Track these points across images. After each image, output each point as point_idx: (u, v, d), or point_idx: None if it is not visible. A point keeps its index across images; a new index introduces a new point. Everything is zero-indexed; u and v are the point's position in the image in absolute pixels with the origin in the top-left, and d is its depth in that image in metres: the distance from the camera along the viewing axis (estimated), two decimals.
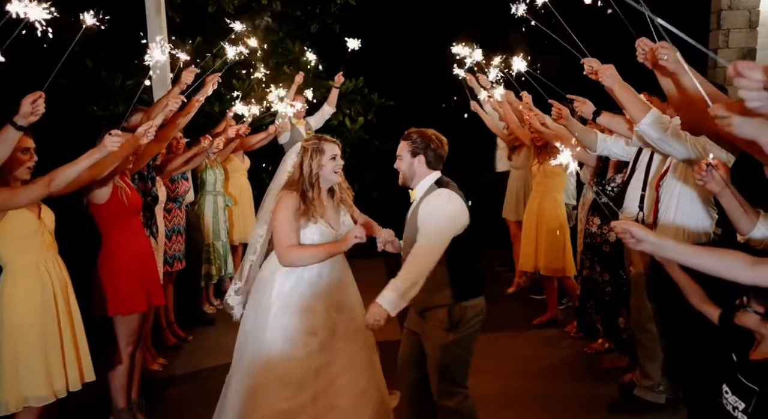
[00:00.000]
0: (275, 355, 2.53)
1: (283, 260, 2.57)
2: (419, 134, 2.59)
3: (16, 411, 2.40)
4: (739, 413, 1.76)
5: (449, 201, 2.50)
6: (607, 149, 3.33)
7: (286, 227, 2.58)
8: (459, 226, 2.50)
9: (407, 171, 2.60)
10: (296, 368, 2.52)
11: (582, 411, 3.30)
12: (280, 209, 2.59)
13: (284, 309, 2.59)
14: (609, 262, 3.62)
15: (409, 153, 2.58)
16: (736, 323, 1.84)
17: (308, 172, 2.61)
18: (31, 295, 2.43)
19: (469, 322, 2.51)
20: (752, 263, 1.62)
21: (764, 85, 1.23)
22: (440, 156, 2.58)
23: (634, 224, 1.75)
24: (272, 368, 2.52)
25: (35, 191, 2.37)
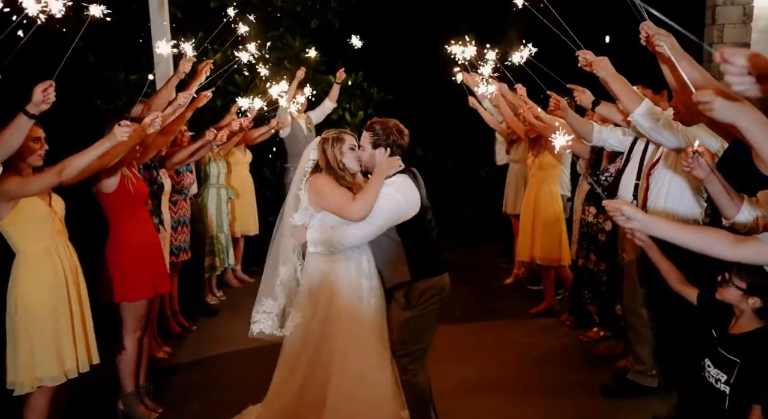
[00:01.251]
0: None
1: (358, 214, 2.55)
2: (382, 126, 2.72)
3: (31, 390, 2.49)
4: (722, 384, 1.85)
5: (402, 189, 2.63)
6: (602, 139, 3.42)
7: (336, 193, 2.61)
8: (406, 215, 2.63)
9: (368, 162, 2.74)
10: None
11: (576, 395, 3.39)
12: (320, 186, 2.62)
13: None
14: (605, 251, 3.70)
15: (371, 145, 2.71)
16: (718, 298, 1.93)
17: (333, 159, 2.68)
18: (43, 279, 2.52)
19: (427, 302, 2.65)
20: (735, 241, 1.70)
21: (748, 70, 1.32)
22: (401, 147, 2.72)
23: (625, 203, 1.83)
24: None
25: (47, 179, 2.45)
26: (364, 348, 2.62)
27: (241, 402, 3.22)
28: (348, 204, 2.56)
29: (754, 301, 1.84)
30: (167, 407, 3.31)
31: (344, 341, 2.59)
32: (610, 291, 3.70)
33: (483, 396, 3.39)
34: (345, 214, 2.58)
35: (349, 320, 2.60)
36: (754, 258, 1.69)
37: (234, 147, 5.22)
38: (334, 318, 2.62)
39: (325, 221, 2.67)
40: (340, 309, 2.61)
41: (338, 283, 2.62)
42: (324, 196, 2.64)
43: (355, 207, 2.55)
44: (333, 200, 2.62)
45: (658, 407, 3.14)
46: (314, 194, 2.66)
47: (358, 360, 2.59)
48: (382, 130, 2.69)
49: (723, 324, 1.93)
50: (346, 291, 2.61)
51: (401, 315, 2.67)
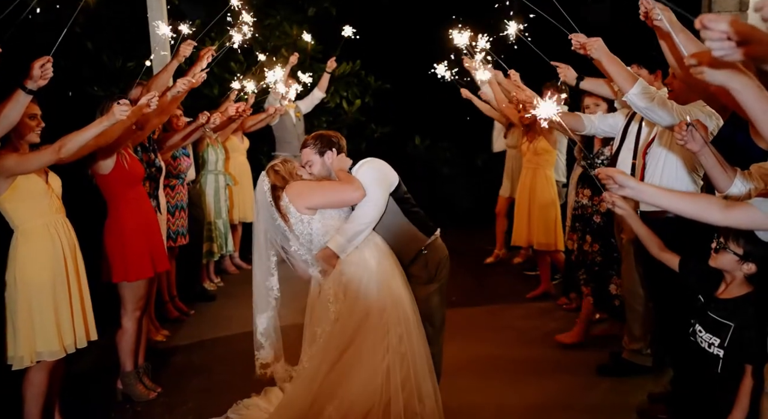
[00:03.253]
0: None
1: (358, 192, 2.60)
2: (317, 138, 2.81)
3: (30, 365, 2.51)
4: (715, 348, 1.89)
5: (374, 162, 2.74)
6: (594, 128, 3.43)
7: (319, 186, 2.66)
8: (391, 180, 2.73)
9: (322, 171, 2.79)
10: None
11: (572, 374, 3.42)
12: (299, 189, 2.65)
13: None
14: (599, 233, 3.73)
15: (317, 155, 2.78)
16: (711, 265, 1.96)
17: (289, 174, 2.74)
18: (42, 255, 2.53)
19: (443, 271, 2.78)
20: (726, 207, 1.73)
21: (727, 35, 1.34)
22: (342, 146, 2.82)
23: (618, 171, 1.85)
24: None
25: (45, 156, 2.47)
26: (413, 326, 2.64)
27: (241, 382, 3.24)
28: (345, 187, 2.60)
29: (749, 267, 1.87)
30: (166, 387, 3.33)
31: (395, 323, 2.60)
32: (604, 272, 3.73)
33: (480, 376, 3.42)
34: (345, 196, 2.62)
35: (393, 300, 2.61)
36: (744, 223, 1.71)
37: (231, 134, 5.23)
38: (378, 303, 2.61)
39: (326, 222, 2.68)
40: (381, 292, 2.61)
41: (370, 268, 2.62)
42: (312, 194, 2.66)
43: (351, 186, 2.59)
44: (325, 192, 2.66)
45: (653, 385, 3.18)
46: (299, 197, 2.66)
47: (411, 339, 2.61)
48: (318, 139, 2.79)
49: (710, 290, 1.97)
50: (379, 274, 2.63)
51: (426, 289, 2.75)
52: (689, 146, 2.13)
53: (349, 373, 2.57)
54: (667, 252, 2.15)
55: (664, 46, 2.50)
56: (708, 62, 1.46)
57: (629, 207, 2.22)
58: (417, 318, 2.67)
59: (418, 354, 2.60)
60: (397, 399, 2.51)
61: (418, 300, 2.72)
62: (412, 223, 2.76)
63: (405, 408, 2.52)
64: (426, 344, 2.67)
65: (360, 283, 2.61)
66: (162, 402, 3.20)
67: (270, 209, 2.69)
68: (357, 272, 2.61)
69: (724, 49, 1.32)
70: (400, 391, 2.52)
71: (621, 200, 2.15)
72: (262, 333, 2.70)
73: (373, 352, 2.56)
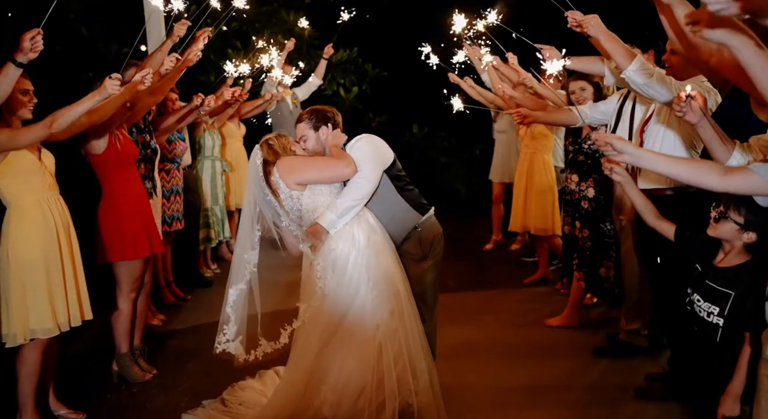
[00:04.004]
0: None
1: (350, 168, 2.57)
2: (312, 112, 2.79)
3: (24, 342, 2.49)
4: (715, 317, 1.88)
5: (369, 138, 2.73)
6: (587, 118, 3.41)
7: (312, 161, 2.64)
8: (386, 157, 2.71)
9: (316, 146, 2.76)
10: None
11: (570, 356, 3.41)
12: (291, 163, 2.63)
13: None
14: (588, 218, 3.71)
15: (312, 129, 2.75)
16: (710, 234, 1.94)
17: (283, 149, 2.71)
18: (35, 231, 2.51)
19: (437, 248, 2.77)
20: (724, 172, 1.71)
21: None
22: (338, 121, 2.79)
23: (616, 137, 1.83)
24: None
25: (37, 131, 2.44)
26: (405, 302, 2.62)
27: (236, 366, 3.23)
28: (336, 162, 2.58)
29: (749, 236, 1.86)
30: (162, 369, 3.32)
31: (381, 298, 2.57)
32: (595, 257, 3.71)
33: (477, 358, 3.42)
34: (336, 172, 2.59)
35: (384, 276, 2.58)
36: (742, 188, 1.70)
37: (228, 120, 5.20)
38: (368, 279, 2.58)
39: (316, 198, 2.65)
40: (370, 268, 2.58)
41: (359, 244, 2.60)
42: (302, 168, 2.64)
43: (343, 162, 2.57)
44: (316, 167, 2.63)
45: (651, 365, 3.17)
46: (289, 171, 2.63)
47: (403, 315, 2.58)
48: (314, 114, 2.77)
49: (707, 259, 1.95)
50: (369, 250, 2.60)
51: (419, 267, 2.73)
52: (687, 118, 2.11)
53: (341, 352, 2.55)
54: (663, 221, 2.13)
55: (664, 21, 2.47)
56: (706, 21, 1.44)
57: (627, 174, 2.21)
58: (409, 294, 2.65)
59: (410, 330, 2.59)
60: (390, 375, 2.50)
61: (412, 278, 2.70)
62: (406, 201, 2.74)
63: (399, 384, 2.50)
64: (419, 321, 2.65)
65: (348, 259, 2.58)
66: (157, 384, 3.18)
67: (261, 184, 2.66)
68: (346, 247, 2.59)
69: (720, 4, 1.30)
70: (393, 367, 2.51)
71: (619, 167, 2.13)
72: (231, 306, 2.62)
73: (364, 329, 2.54)
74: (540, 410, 2.82)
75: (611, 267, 3.65)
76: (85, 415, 2.84)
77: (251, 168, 2.72)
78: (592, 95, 3.57)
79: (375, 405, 2.50)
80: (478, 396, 2.97)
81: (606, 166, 2.13)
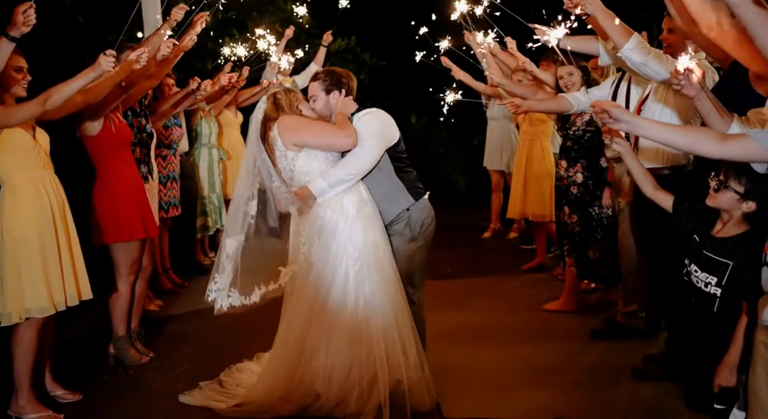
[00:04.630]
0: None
1: (349, 139, 2.52)
2: (328, 73, 2.74)
3: (19, 321, 2.48)
4: (713, 287, 1.87)
5: (378, 113, 2.69)
6: (581, 104, 3.40)
7: (315, 124, 2.56)
8: (391, 135, 2.68)
9: (324, 109, 2.71)
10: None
11: (567, 339, 3.41)
12: (293, 123, 2.56)
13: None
14: (576, 204, 3.71)
15: (323, 92, 2.70)
16: (709, 204, 1.94)
17: (289, 105, 2.64)
18: (30, 210, 2.49)
19: (427, 229, 2.73)
20: (721, 139, 1.71)
21: None
22: (352, 88, 2.75)
23: (613, 104, 1.82)
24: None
25: (31, 108, 2.42)
26: (391, 275, 2.60)
27: (234, 349, 3.23)
28: (336, 131, 2.52)
29: (749, 205, 1.85)
30: (159, 352, 3.31)
31: (362, 274, 2.56)
32: (584, 242, 3.71)
33: (474, 342, 3.42)
34: (335, 141, 2.54)
35: (371, 250, 2.56)
36: (740, 155, 1.69)
37: (225, 108, 5.17)
38: (350, 248, 2.56)
39: (310, 162, 2.61)
40: (357, 240, 2.56)
41: (347, 215, 2.57)
42: (302, 130, 2.58)
43: (343, 133, 2.52)
44: (316, 131, 2.56)
45: (648, 347, 3.17)
46: (289, 131, 2.58)
47: (389, 288, 2.56)
48: (329, 75, 2.71)
49: (705, 229, 1.95)
50: (357, 222, 2.58)
51: (408, 247, 2.70)
52: (685, 92, 2.09)
53: (329, 327, 2.54)
54: (661, 192, 2.13)
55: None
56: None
57: (627, 144, 2.20)
58: (394, 269, 2.63)
59: (398, 305, 2.58)
60: (379, 346, 2.49)
61: (400, 257, 2.69)
62: (402, 182, 2.71)
63: (389, 359, 2.49)
64: (405, 298, 2.63)
65: (336, 228, 2.56)
66: (154, 366, 3.18)
67: (258, 139, 2.63)
68: (334, 216, 2.57)
69: None
70: (381, 341, 2.50)
71: (619, 136, 2.12)
72: (228, 255, 2.60)
73: (351, 303, 2.53)
74: (537, 391, 2.82)
75: (602, 251, 3.66)
76: (82, 396, 2.83)
77: (253, 122, 2.67)
78: (580, 80, 3.56)
79: (366, 380, 2.50)
80: (475, 377, 2.97)
81: (606, 136, 2.12)
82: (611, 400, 2.72)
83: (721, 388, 1.80)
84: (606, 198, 3.61)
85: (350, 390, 2.50)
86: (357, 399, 2.50)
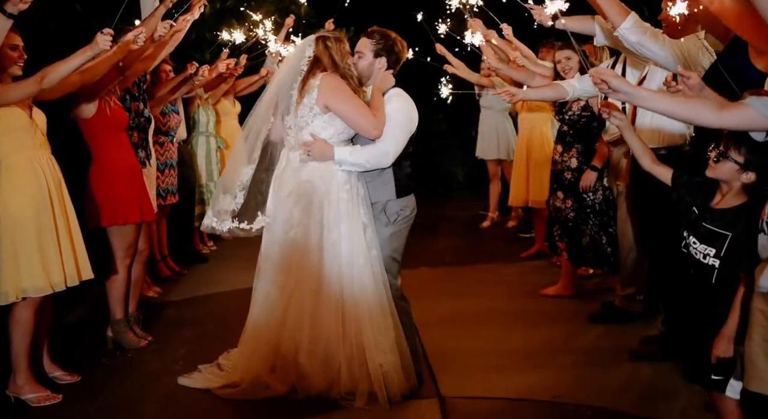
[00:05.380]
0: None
1: (378, 129, 2.45)
2: (383, 35, 2.62)
3: (15, 300, 2.48)
4: (711, 259, 1.87)
5: (408, 104, 2.62)
6: (576, 91, 3.38)
7: (356, 100, 2.46)
8: (412, 130, 2.63)
9: (366, 70, 2.62)
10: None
11: (564, 322, 3.42)
12: (338, 85, 2.46)
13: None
14: (571, 189, 3.70)
15: (372, 52, 2.61)
16: (708, 175, 1.93)
17: (341, 58, 2.51)
18: (26, 189, 2.49)
19: (404, 219, 2.68)
20: (720, 108, 1.70)
21: None
22: (399, 60, 2.66)
23: (612, 73, 1.81)
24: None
25: (27, 86, 2.41)
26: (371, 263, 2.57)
27: (232, 334, 3.18)
28: (370, 116, 2.45)
29: (748, 176, 1.85)
30: (157, 336, 3.31)
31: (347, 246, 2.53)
32: (577, 227, 3.71)
33: (473, 325, 3.42)
34: (365, 126, 2.46)
35: (350, 222, 2.54)
36: (739, 124, 1.68)
37: (222, 97, 5.17)
38: (333, 219, 2.54)
39: (327, 128, 2.53)
40: (339, 211, 2.53)
41: (333, 182, 2.54)
42: (342, 99, 2.46)
43: (376, 121, 2.45)
44: (353, 106, 2.46)
45: (646, 329, 3.17)
46: (329, 92, 2.46)
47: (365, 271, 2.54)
48: (384, 38, 2.60)
49: (704, 201, 1.95)
50: (343, 192, 2.54)
51: (383, 231, 2.66)
52: (689, 95, 2.07)
53: (312, 302, 2.53)
54: (660, 165, 2.12)
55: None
56: None
57: (625, 118, 2.19)
58: (379, 253, 2.61)
59: (381, 288, 2.56)
60: (366, 328, 2.49)
61: (381, 243, 2.65)
62: (393, 174, 2.63)
63: (366, 338, 2.48)
64: (387, 282, 2.61)
65: (319, 194, 2.53)
66: (153, 350, 3.18)
67: (297, 76, 2.54)
68: (323, 186, 2.54)
69: None
70: (367, 321, 2.49)
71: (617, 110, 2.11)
72: (242, 183, 2.60)
73: (328, 274, 2.51)
74: (534, 371, 2.83)
75: (594, 238, 3.65)
76: (80, 378, 2.83)
77: (294, 58, 2.58)
78: (578, 64, 3.55)
79: (356, 361, 2.48)
80: (474, 359, 2.97)
81: (604, 110, 2.12)
82: (608, 380, 2.72)
83: (719, 359, 1.80)
84: (585, 180, 3.59)
85: (335, 368, 2.49)
86: (347, 379, 2.49)
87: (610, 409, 2.46)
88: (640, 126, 2.88)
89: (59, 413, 2.56)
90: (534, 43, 4.48)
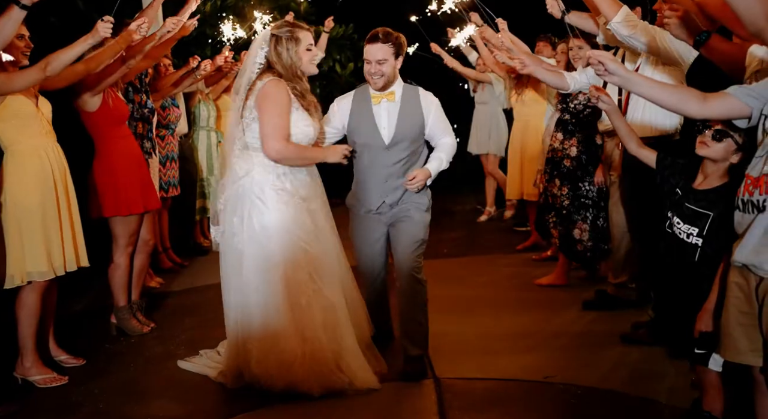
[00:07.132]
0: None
1: (274, 152, 2.39)
2: (395, 37, 2.69)
3: (21, 284, 2.55)
4: (694, 238, 1.94)
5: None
6: (577, 83, 3.45)
7: (284, 116, 2.40)
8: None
9: (391, 74, 2.68)
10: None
11: (557, 309, 3.48)
12: (272, 96, 2.39)
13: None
14: (569, 176, 3.76)
15: (393, 55, 2.66)
16: (701, 153, 1.99)
17: (289, 63, 2.45)
18: (32, 176, 2.56)
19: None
20: (703, 98, 1.76)
21: None
22: (401, 55, 2.75)
23: (609, 56, 1.87)
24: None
25: (31, 74, 2.47)
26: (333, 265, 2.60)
27: None
28: (278, 137, 2.39)
29: (739, 156, 1.91)
30: (159, 323, 3.39)
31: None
32: (571, 216, 3.76)
33: (467, 311, 3.49)
34: (270, 141, 2.39)
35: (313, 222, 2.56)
36: (721, 113, 1.74)
37: (223, 93, 5.23)
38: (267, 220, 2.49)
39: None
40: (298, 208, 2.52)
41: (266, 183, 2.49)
42: (267, 109, 2.39)
43: (288, 148, 2.41)
44: (275, 120, 2.39)
45: (637, 315, 3.23)
46: (262, 98, 2.40)
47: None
48: (396, 39, 2.67)
49: (688, 182, 2.01)
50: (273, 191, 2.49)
51: (426, 217, 2.80)
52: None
53: (262, 298, 2.49)
54: (645, 149, 2.19)
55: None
56: None
57: (613, 102, 2.25)
58: (342, 255, 2.69)
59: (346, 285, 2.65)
60: (313, 321, 2.48)
61: (422, 227, 2.76)
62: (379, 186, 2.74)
63: (325, 332, 2.46)
64: (354, 281, 2.71)
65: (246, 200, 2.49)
66: (155, 336, 3.25)
67: (250, 77, 2.51)
68: (251, 189, 2.48)
69: None
70: (315, 314, 2.47)
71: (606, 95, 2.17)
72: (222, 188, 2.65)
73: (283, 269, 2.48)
74: (527, 354, 2.89)
75: (585, 230, 3.71)
76: (85, 361, 2.90)
77: (249, 62, 2.53)
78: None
79: (300, 353, 2.44)
80: (469, 342, 3.04)
81: (594, 94, 2.18)
82: (599, 361, 2.79)
83: (702, 333, 1.87)
84: (599, 175, 3.67)
85: (285, 366, 2.45)
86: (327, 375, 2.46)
87: (599, 388, 2.53)
88: (632, 119, 2.94)
89: (65, 394, 2.63)
90: (530, 37, 4.54)
